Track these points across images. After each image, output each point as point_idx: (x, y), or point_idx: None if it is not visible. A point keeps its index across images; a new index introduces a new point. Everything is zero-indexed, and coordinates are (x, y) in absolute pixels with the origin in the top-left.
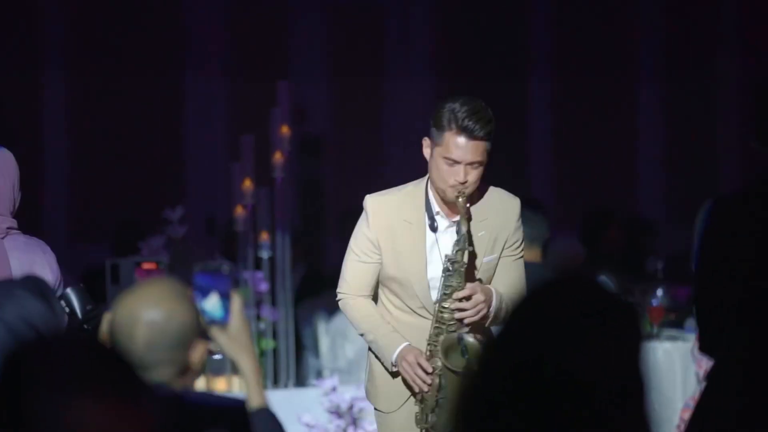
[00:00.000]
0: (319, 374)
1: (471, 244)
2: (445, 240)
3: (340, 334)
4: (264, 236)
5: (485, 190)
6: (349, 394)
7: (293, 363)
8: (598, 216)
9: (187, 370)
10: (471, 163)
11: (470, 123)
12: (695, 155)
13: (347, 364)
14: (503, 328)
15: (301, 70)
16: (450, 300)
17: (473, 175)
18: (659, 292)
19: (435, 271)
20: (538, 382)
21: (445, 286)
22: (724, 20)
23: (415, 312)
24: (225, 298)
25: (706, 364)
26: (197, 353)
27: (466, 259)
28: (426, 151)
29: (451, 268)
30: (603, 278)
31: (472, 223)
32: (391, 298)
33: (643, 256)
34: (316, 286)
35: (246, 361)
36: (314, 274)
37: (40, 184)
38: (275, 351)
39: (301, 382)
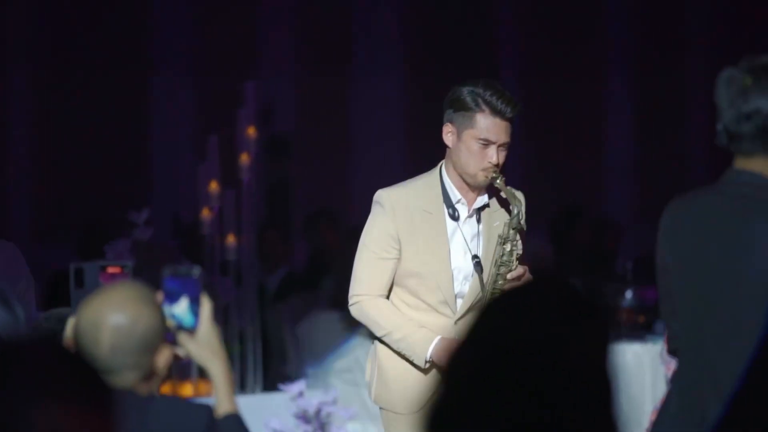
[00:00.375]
0: (286, 379)
1: (520, 222)
2: (465, 229)
3: (307, 338)
4: (230, 239)
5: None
6: (316, 399)
7: (260, 368)
8: (566, 216)
9: (152, 375)
10: (502, 144)
11: (502, 104)
12: (665, 155)
13: (313, 369)
14: (472, 330)
15: (267, 70)
16: (503, 281)
17: (503, 157)
18: (628, 294)
19: (457, 261)
20: (507, 384)
21: (498, 266)
22: (693, 18)
23: (434, 309)
24: (195, 302)
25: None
26: (162, 358)
27: (519, 239)
28: (449, 138)
29: (505, 249)
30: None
31: (486, 213)
32: (405, 298)
33: (611, 257)
34: (289, 290)
35: (216, 366)
36: (292, 277)
37: (3, 185)
38: (242, 356)
39: (268, 387)
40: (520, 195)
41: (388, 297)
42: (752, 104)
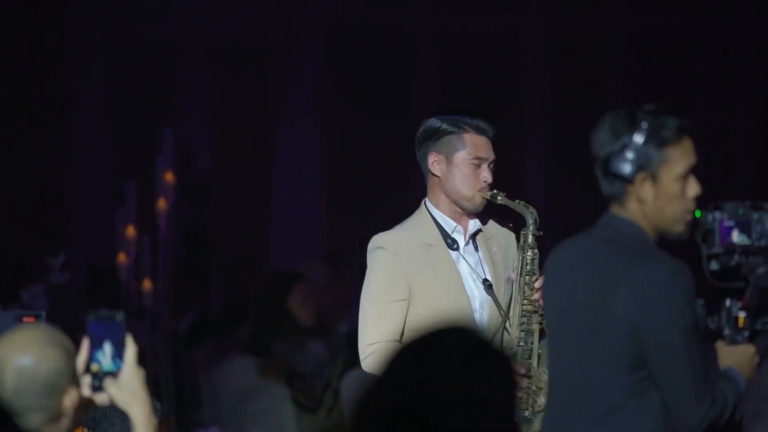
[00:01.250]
0: (201, 425)
1: (540, 229)
2: (467, 257)
3: (222, 384)
4: (146, 284)
5: None
6: None
7: (174, 414)
8: None
9: (60, 417)
10: (491, 162)
11: (483, 122)
12: (581, 203)
13: (228, 415)
14: (382, 373)
15: (186, 117)
16: (530, 290)
17: (491, 175)
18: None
19: (470, 288)
20: (413, 428)
21: (524, 275)
22: (611, 66)
23: None
24: (118, 346)
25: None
26: (70, 400)
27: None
28: (439, 167)
29: (528, 257)
30: None
31: (481, 240)
32: None
33: None
34: (199, 335)
35: (137, 411)
36: (201, 323)
37: None
38: (156, 401)
39: None
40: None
41: None
42: (595, 147)
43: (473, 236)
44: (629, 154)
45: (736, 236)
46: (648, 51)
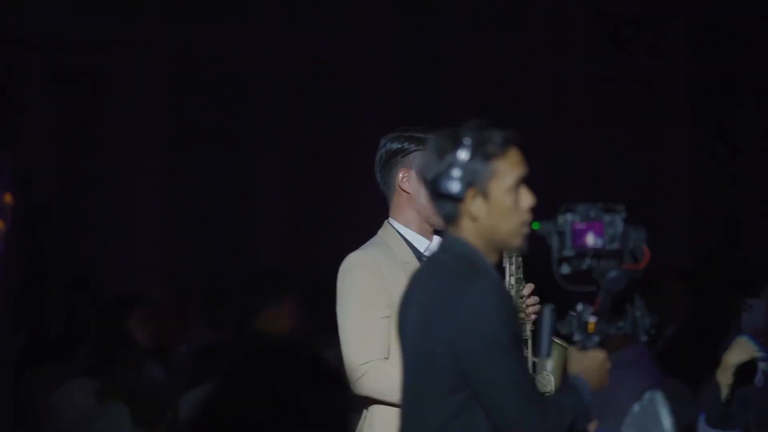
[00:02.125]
0: None
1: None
2: None
3: (61, 406)
4: None
5: None
6: None
7: None
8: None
9: None
10: None
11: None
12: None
13: None
14: (217, 393)
15: (26, 140)
16: (521, 299)
17: None
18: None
19: None
20: None
21: (517, 286)
22: (452, 89)
23: None
24: None
25: None
26: None
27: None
28: (409, 183)
29: (513, 264)
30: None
31: None
32: None
33: None
34: (37, 357)
35: None
36: (36, 345)
37: None
38: None
39: None
40: None
41: None
42: (422, 171)
43: None
44: (456, 172)
45: (588, 239)
46: (485, 73)
